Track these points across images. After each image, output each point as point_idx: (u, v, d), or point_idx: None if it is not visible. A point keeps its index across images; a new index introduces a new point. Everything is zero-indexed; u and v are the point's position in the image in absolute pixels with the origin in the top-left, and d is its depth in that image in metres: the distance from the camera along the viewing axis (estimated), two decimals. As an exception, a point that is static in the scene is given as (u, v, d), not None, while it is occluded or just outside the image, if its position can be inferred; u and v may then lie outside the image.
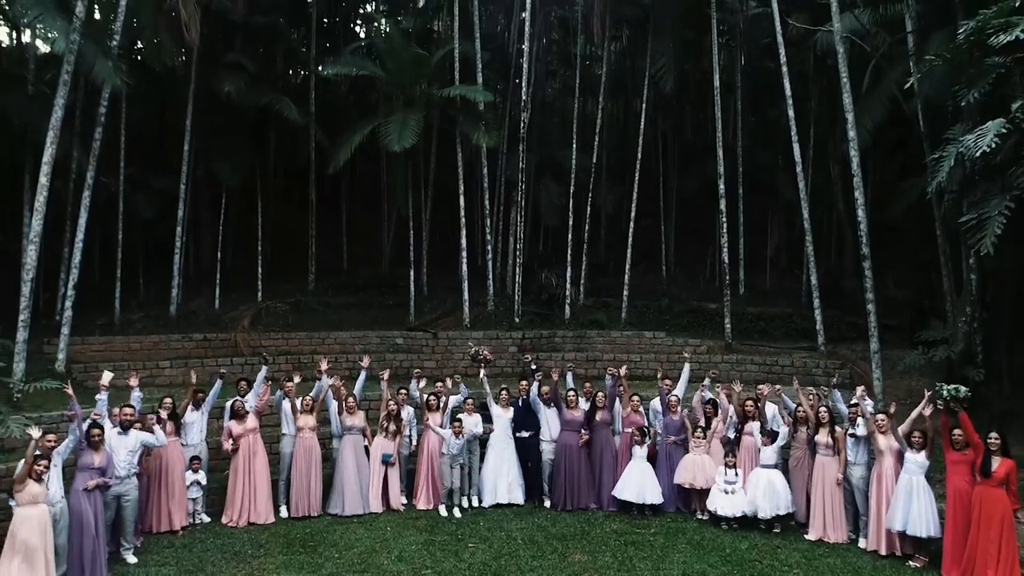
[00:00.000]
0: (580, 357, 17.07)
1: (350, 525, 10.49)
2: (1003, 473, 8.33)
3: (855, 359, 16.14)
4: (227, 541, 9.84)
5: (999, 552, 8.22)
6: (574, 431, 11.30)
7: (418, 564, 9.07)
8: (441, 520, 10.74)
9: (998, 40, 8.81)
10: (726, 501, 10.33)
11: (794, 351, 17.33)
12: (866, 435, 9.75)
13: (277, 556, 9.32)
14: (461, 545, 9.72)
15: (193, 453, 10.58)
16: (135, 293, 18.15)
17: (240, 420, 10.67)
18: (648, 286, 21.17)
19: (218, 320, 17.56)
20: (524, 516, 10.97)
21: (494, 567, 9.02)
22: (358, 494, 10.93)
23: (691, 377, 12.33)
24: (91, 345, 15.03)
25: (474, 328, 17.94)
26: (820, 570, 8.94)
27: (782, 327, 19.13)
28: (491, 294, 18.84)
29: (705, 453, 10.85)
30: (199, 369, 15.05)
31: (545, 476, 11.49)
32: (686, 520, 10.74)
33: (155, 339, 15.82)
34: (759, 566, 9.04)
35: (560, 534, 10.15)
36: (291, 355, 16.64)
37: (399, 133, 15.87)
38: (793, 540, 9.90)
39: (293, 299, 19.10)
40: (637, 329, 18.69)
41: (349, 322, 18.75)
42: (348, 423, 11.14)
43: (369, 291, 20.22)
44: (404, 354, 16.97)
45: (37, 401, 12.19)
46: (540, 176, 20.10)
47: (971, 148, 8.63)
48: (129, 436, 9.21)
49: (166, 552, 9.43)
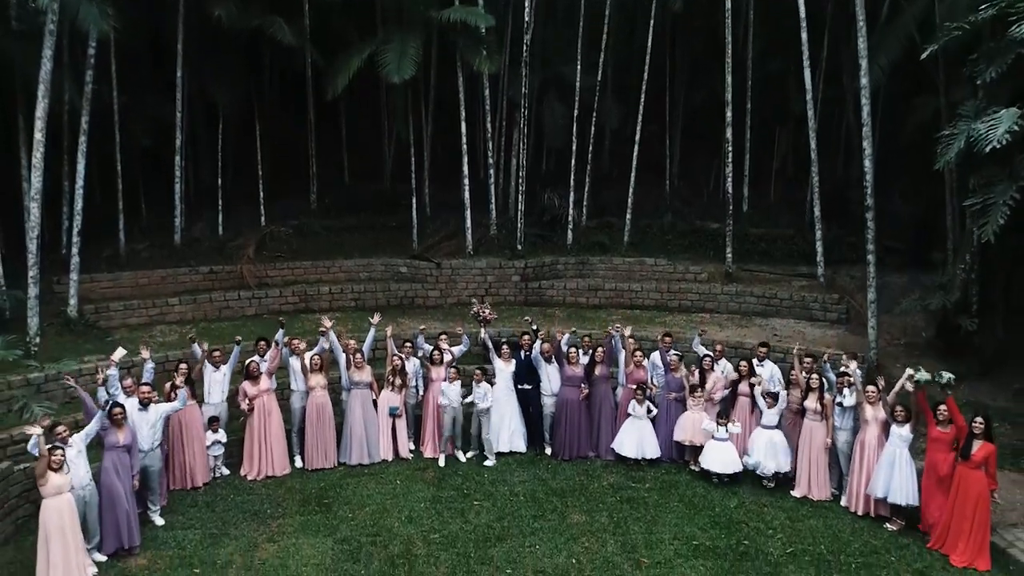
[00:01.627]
0: (582, 285, 17.30)
1: (361, 478, 11.12)
2: (982, 457, 8.74)
3: (853, 290, 16.31)
4: (247, 498, 10.47)
5: (971, 527, 8.79)
6: (574, 386, 11.71)
7: (426, 526, 9.70)
8: (447, 472, 11.36)
9: (1020, 31, 8.39)
10: (718, 459, 10.87)
11: (793, 279, 17.53)
12: (853, 405, 10.12)
13: (295, 516, 9.96)
14: (467, 503, 10.35)
15: (213, 413, 11.04)
16: (138, 219, 18.15)
17: (254, 381, 11.05)
18: (652, 201, 21.04)
19: (222, 248, 17.67)
20: (526, 466, 11.58)
21: (497, 529, 9.66)
22: (365, 445, 11.52)
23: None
24: (99, 283, 15.23)
25: (476, 254, 18.05)
26: (802, 533, 9.57)
27: (783, 248, 19.24)
28: (493, 218, 18.82)
29: (702, 411, 11.27)
30: (208, 305, 15.54)
31: (546, 426, 12.02)
32: (679, 472, 11.33)
33: (162, 273, 16.00)
34: (745, 528, 9.67)
35: (560, 489, 10.77)
36: (296, 284, 16.91)
37: (398, 63, 15.35)
38: (780, 498, 10.50)
39: (296, 222, 19.11)
40: (639, 252, 18.82)
41: (352, 245, 18.86)
42: (356, 378, 11.55)
43: (371, 211, 20.17)
44: (408, 284, 17.19)
45: (53, 353, 12.54)
46: (543, 96, 19.56)
47: (982, 139, 8.43)
48: (149, 412, 9.59)
49: (190, 512, 10.07)
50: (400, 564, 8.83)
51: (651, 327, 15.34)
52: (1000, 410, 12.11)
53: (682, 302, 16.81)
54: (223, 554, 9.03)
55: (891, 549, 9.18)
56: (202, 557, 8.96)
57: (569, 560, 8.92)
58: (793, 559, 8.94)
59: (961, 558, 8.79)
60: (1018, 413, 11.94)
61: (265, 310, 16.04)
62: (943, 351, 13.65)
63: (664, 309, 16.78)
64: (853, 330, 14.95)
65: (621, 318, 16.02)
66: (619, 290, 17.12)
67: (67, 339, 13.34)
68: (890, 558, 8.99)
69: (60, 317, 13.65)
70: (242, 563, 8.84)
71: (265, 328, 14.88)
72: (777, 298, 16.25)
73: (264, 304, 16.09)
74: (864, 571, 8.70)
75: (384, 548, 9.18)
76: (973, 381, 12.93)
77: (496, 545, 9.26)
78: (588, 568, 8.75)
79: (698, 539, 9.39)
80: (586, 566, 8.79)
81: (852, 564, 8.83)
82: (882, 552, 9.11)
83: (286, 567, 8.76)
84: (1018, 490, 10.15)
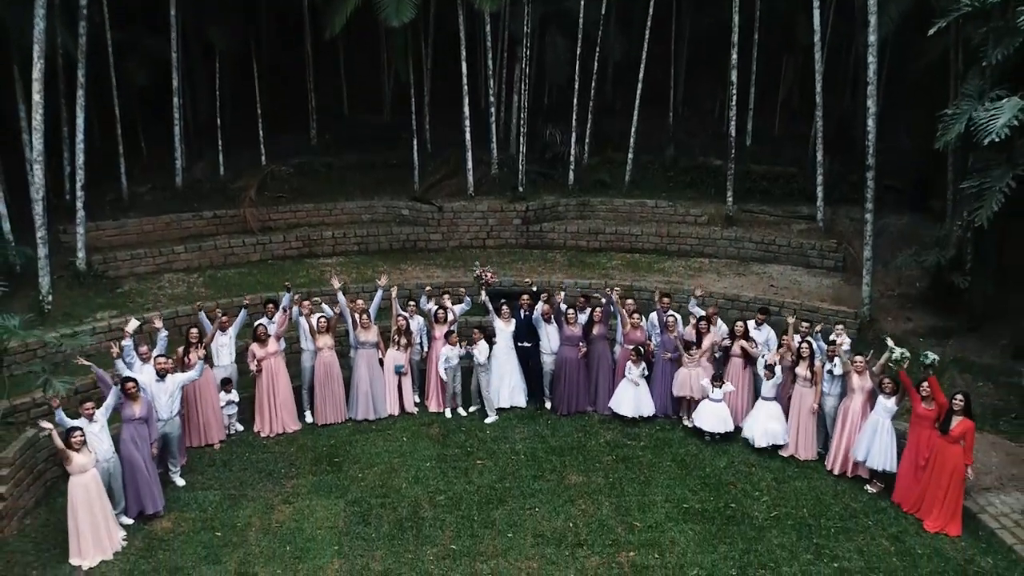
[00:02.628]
0: (583, 228, 17.43)
1: (369, 434, 11.66)
2: (959, 432, 9.16)
3: (851, 236, 16.45)
4: (261, 457, 11.04)
5: (945, 496, 9.32)
6: (573, 345, 12.08)
7: (432, 487, 10.28)
8: (451, 428, 11.89)
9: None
10: (710, 417, 11.36)
11: (793, 222, 17.64)
12: (842, 373, 10.51)
13: (307, 476, 10.53)
14: (470, 462, 10.90)
15: (224, 375, 11.47)
16: (138, 158, 18.11)
17: (262, 344, 11.41)
18: (655, 134, 20.84)
19: (224, 189, 17.71)
20: (526, 421, 12.10)
21: (499, 490, 10.24)
22: (372, 402, 12.03)
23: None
24: (105, 231, 15.39)
25: (477, 194, 18.08)
26: (787, 495, 10.14)
27: (784, 187, 19.20)
28: (495, 157, 18.74)
29: (697, 367, 11.68)
30: (213, 252, 15.76)
31: (546, 383, 12.47)
32: (673, 429, 11.86)
33: (166, 219, 16.13)
34: (733, 491, 10.24)
35: (558, 447, 11.31)
36: (299, 228, 17.08)
37: (396, 6, 14.96)
38: (767, 458, 11.03)
39: (297, 160, 19.05)
40: (640, 191, 18.85)
41: (353, 184, 18.90)
42: (363, 338, 11.92)
43: (371, 147, 20.04)
44: (410, 227, 17.33)
45: (67, 308, 12.88)
46: (545, 30, 19.04)
47: (982, 128, 8.39)
48: (167, 382, 9.98)
49: (208, 472, 10.65)
50: (408, 527, 9.43)
51: (650, 275, 15.62)
52: (985, 367, 12.52)
53: (681, 246, 16.99)
54: (242, 516, 9.63)
55: (869, 513, 9.76)
56: (223, 520, 9.55)
57: (566, 523, 9.51)
58: (777, 523, 9.53)
59: (934, 524, 9.36)
60: (1002, 371, 12.30)
61: (269, 255, 16.26)
62: (935, 304, 13.95)
63: (664, 253, 16.97)
64: (848, 279, 15.20)
65: (621, 263, 16.36)
66: (619, 234, 17.25)
67: (77, 292, 13.64)
68: (867, 522, 9.57)
69: (69, 270, 13.89)
70: (260, 526, 9.44)
71: (270, 275, 15.26)
72: (776, 244, 16.41)
73: (268, 250, 16.29)
74: (843, 535, 9.29)
75: (393, 510, 9.76)
76: (962, 336, 13.28)
77: (498, 507, 9.84)
78: (584, 532, 9.34)
79: (688, 501, 9.97)
80: (582, 530, 9.38)
81: (832, 528, 9.42)
82: (860, 516, 9.69)
83: (302, 530, 9.35)
84: (994, 453, 10.65)
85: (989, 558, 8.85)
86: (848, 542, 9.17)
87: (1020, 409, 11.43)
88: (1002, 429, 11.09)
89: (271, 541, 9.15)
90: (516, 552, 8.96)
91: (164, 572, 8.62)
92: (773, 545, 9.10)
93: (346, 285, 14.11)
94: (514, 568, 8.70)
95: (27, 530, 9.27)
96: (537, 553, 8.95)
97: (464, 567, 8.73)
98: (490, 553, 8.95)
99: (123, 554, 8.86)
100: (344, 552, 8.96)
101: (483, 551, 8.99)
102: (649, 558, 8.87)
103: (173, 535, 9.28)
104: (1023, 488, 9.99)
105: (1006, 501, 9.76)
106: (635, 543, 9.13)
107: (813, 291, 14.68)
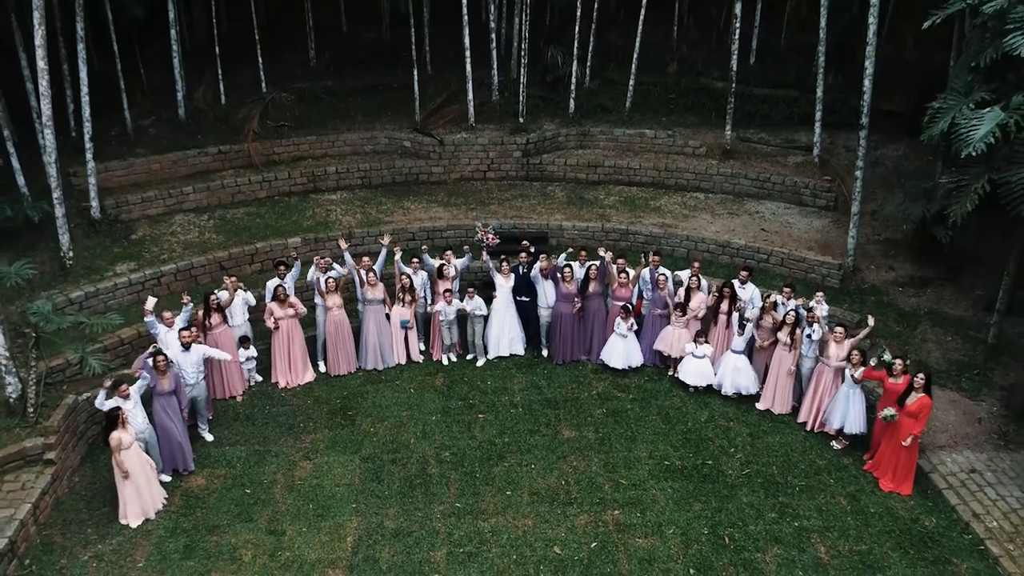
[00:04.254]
0: (582, 161, 17.70)
1: (378, 385, 12.62)
2: (916, 408, 10.00)
3: (845, 172, 16.74)
4: (280, 410, 12.03)
5: (899, 461, 10.33)
6: (568, 301, 12.80)
7: (438, 443, 11.32)
8: (454, 377, 12.83)
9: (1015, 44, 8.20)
10: (693, 372, 12.27)
11: (789, 154, 17.86)
12: (819, 340, 11.29)
13: (324, 431, 11.56)
14: (472, 415, 11.91)
15: (240, 333, 12.27)
16: (139, 85, 18.15)
17: (281, 304, 12.16)
18: (659, 48, 20.61)
19: (227, 119, 17.84)
20: (524, 370, 13.03)
21: (499, 445, 11.29)
22: (380, 353, 12.94)
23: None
24: (114, 172, 15.73)
25: (478, 122, 18.21)
26: (760, 452, 11.18)
27: (785, 111, 19.30)
28: (496, 82, 18.68)
29: (683, 328, 12.47)
30: (221, 191, 16.19)
31: (543, 333, 13.30)
32: (660, 380, 12.79)
33: (173, 157, 16.41)
34: (711, 447, 11.27)
35: (553, 399, 12.28)
36: (303, 162, 17.39)
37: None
38: (745, 411, 12.02)
39: (297, 86, 19.03)
40: (641, 117, 18.95)
41: (355, 110, 18.97)
42: (369, 296, 12.65)
43: (371, 67, 19.91)
44: (412, 160, 17.60)
45: (87, 261, 13.52)
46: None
47: (962, 139, 8.61)
48: (192, 353, 10.79)
49: (233, 426, 11.67)
50: (417, 484, 10.53)
51: (646, 215, 16.09)
52: (957, 320, 13.29)
53: (678, 180, 17.33)
54: (267, 472, 10.72)
55: (832, 471, 10.82)
56: (250, 476, 10.65)
57: (559, 481, 10.60)
58: (748, 481, 10.60)
59: (889, 484, 10.43)
60: (972, 324, 13.06)
61: (276, 192, 16.67)
62: (917, 253, 14.50)
63: (661, 187, 17.35)
64: (838, 221, 15.66)
65: (618, 200, 16.80)
66: (618, 167, 17.54)
67: (95, 241, 14.22)
68: (829, 480, 10.64)
69: (84, 217, 14.41)
70: (284, 483, 10.55)
71: (278, 215, 15.85)
72: (771, 182, 16.74)
73: (274, 187, 16.67)
74: (805, 494, 10.37)
75: (403, 467, 10.84)
76: (939, 287, 13.96)
77: (498, 463, 10.92)
78: (575, 490, 10.44)
79: (670, 458, 11.02)
80: (573, 488, 10.48)
81: (797, 487, 10.50)
82: (823, 474, 10.75)
83: (322, 487, 10.46)
84: (952, 411, 11.60)
85: (933, 517, 9.96)
86: (810, 500, 10.26)
87: (983, 366, 12.27)
88: (963, 387, 11.98)
89: (295, 499, 10.26)
90: (514, 510, 10.08)
91: (203, 529, 9.77)
92: (742, 503, 10.21)
93: (351, 231, 14.69)
94: (512, 526, 9.84)
95: (77, 488, 10.38)
96: (532, 511, 10.07)
97: (467, 525, 9.86)
98: (491, 511, 10.07)
99: (165, 513, 10.00)
100: (361, 509, 10.09)
101: (484, 509, 10.11)
102: (632, 516, 9.99)
103: (207, 492, 10.40)
104: (974, 447, 11.02)
105: (956, 460, 10.79)
106: (620, 501, 10.23)
107: (802, 236, 15.19)
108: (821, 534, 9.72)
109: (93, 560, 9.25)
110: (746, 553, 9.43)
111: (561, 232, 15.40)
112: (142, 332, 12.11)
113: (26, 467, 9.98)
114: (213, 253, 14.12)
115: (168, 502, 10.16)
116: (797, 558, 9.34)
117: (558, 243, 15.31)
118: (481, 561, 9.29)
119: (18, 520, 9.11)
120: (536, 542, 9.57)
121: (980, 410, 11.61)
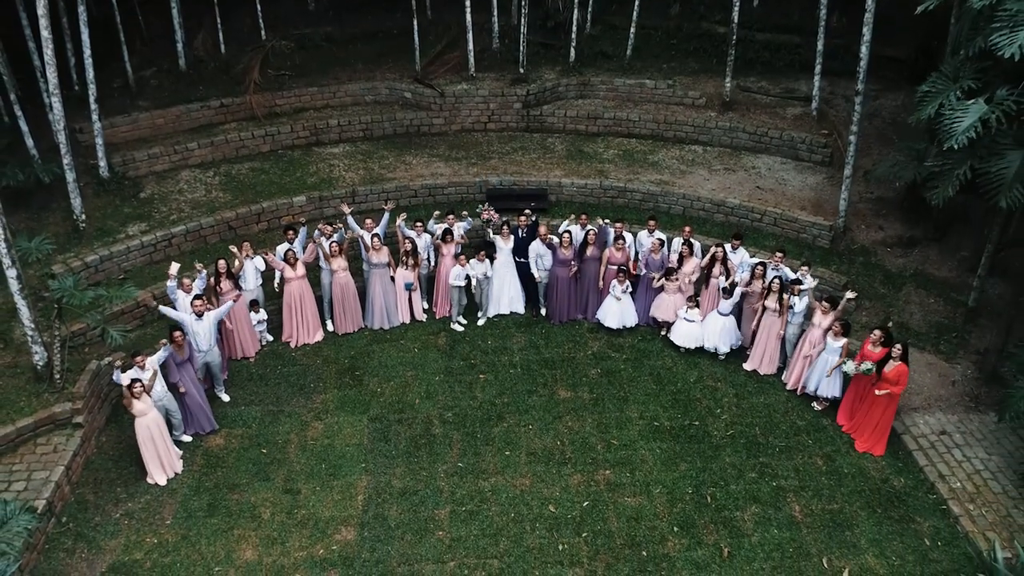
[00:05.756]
0: (582, 113, 17.78)
1: (384, 344, 13.23)
2: (893, 376, 10.59)
3: (842, 128, 16.83)
4: (292, 370, 12.67)
5: (874, 424, 11.02)
6: (565, 266, 13.27)
7: (441, 403, 12.01)
8: (456, 337, 13.42)
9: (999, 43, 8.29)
10: (684, 334, 12.85)
11: (788, 105, 17.92)
12: (805, 308, 11.82)
13: (333, 391, 12.23)
14: (473, 375, 12.55)
15: (251, 297, 12.80)
16: (138, 31, 18.10)
17: (292, 267, 12.65)
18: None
19: (228, 69, 17.84)
20: (523, 329, 13.62)
21: (499, 405, 11.98)
22: (385, 313, 13.50)
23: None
24: (119, 128, 15.88)
25: (479, 70, 18.20)
26: (744, 412, 11.87)
27: (786, 58, 19.21)
28: (495, 30, 18.57)
29: (677, 292, 12.98)
30: (225, 146, 16.42)
31: (541, 292, 13.82)
32: (653, 340, 13.38)
33: (176, 111, 16.53)
34: (699, 407, 11.95)
35: (550, 359, 12.91)
36: (305, 113, 17.50)
37: None
38: (732, 371, 12.66)
39: (297, 32, 18.93)
40: (642, 64, 18.89)
41: (355, 58, 18.93)
42: (374, 260, 13.11)
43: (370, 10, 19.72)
44: (413, 112, 17.70)
45: (99, 223, 13.92)
46: None
47: (945, 130, 8.81)
48: (204, 320, 11.34)
49: (248, 386, 12.34)
50: (422, 444, 11.26)
51: (644, 170, 16.31)
52: (941, 281, 13.76)
53: (677, 133, 17.48)
54: (282, 432, 11.45)
55: (811, 431, 11.53)
56: (266, 436, 11.38)
57: (555, 441, 11.33)
58: (731, 441, 11.33)
59: (863, 445, 11.15)
60: (955, 286, 13.52)
61: (279, 146, 16.87)
62: (906, 211, 14.83)
63: (660, 139, 17.51)
64: (832, 177, 15.90)
65: (617, 153, 17.01)
66: (617, 119, 17.66)
67: (105, 201, 14.57)
68: (808, 441, 11.36)
69: (92, 176, 14.71)
70: (298, 442, 11.29)
71: (282, 171, 16.13)
72: (768, 136, 16.87)
73: (277, 140, 16.85)
74: (784, 454, 11.11)
75: (408, 427, 11.56)
76: (926, 247, 14.36)
77: (497, 424, 11.63)
78: (569, 450, 11.18)
79: (659, 419, 11.72)
80: (567, 448, 11.22)
81: (777, 447, 11.23)
82: (803, 434, 11.46)
83: (333, 447, 11.20)
84: (929, 373, 12.22)
85: (902, 478, 10.72)
86: (788, 461, 11.01)
87: (962, 329, 12.82)
88: (941, 350, 12.56)
89: (309, 458, 11.02)
90: (512, 470, 10.85)
91: (224, 488, 10.57)
92: (725, 464, 10.96)
93: (355, 189, 15.05)
94: (510, 485, 10.62)
95: (104, 447, 11.13)
96: (530, 471, 10.83)
97: (469, 484, 10.64)
98: (491, 471, 10.83)
99: (188, 472, 10.78)
100: (370, 468, 10.86)
101: (485, 468, 10.88)
102: (622, 476, 10.75)
103: (227, 452, 11.15)
104: (947, 409, 11.69)
105: (929, 422, 11.48)
106: (611, 461, 10.98)
107: (796, 195, 15.47)
108: (796, 493, 10.50)
109: (124, 518, 10.07)
110: (726, 512, 10.23)
111: (560, 189, 15.69)
112: (156, 295, 12.61)
113: (56, 430, 10.69)
114: (221, 213, 14.48)
115: (192, 460, 10.91)
116: (773, 516, 10.14)
117: (557, 199, 15.63)
118: (482, 519, 10.09)
119: (53, 481, 9.88)
120: (533, 501, 10.37)
121: (955, 373, 12.22)
